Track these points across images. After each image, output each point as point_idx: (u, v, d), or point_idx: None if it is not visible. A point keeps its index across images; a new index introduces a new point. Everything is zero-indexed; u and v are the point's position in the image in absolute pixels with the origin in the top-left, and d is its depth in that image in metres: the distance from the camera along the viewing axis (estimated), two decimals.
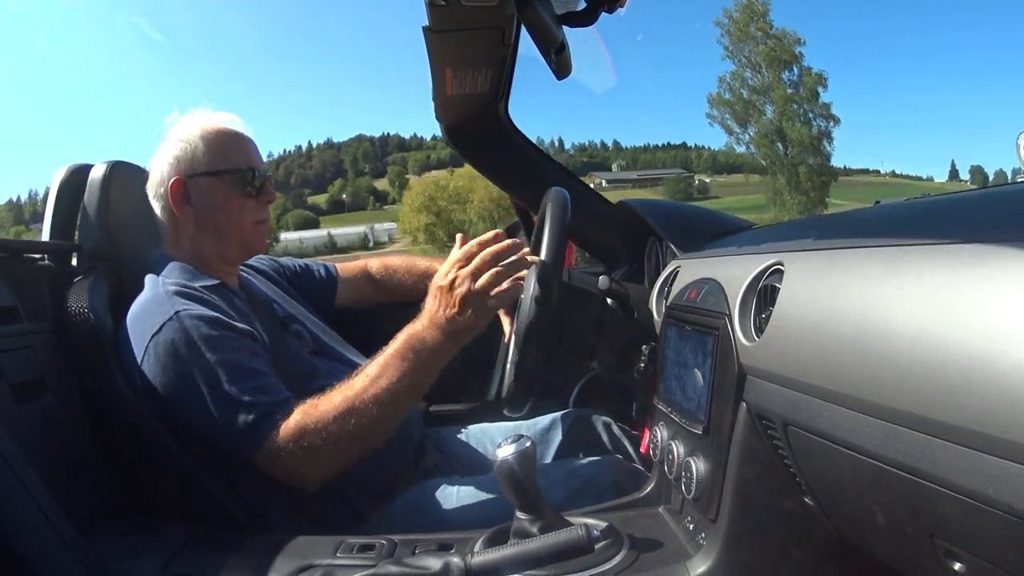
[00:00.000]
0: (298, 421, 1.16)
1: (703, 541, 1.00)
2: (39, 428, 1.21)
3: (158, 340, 1.19)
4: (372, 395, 1.17)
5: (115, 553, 1.08)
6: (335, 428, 1.15)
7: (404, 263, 1.89)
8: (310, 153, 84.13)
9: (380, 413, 1.17)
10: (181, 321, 1.20)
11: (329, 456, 1.17)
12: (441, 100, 1.85)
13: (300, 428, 1.16)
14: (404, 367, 1.18)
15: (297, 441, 1.15)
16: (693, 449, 1.04)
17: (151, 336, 1.20)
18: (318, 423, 1.16)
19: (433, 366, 1.21)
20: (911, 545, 0.65)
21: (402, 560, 0.89)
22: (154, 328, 1.20)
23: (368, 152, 31.19)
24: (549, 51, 1.16)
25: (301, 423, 1.16)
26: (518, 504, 1.00)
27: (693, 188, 79.34)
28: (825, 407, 0.69)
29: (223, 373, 1.18)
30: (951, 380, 0.52)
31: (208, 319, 1.22)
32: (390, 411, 1.19)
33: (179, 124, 1.43)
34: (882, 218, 0.97)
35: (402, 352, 1.20)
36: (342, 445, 1.16)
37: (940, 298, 0.56)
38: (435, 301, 1.20)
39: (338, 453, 1.18)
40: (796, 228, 1.17)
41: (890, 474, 0.60)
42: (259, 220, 1.46)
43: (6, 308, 1.26)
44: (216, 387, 1.17)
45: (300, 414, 1.17)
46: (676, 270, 1.36)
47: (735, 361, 0.91)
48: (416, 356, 1.19)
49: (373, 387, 1.18)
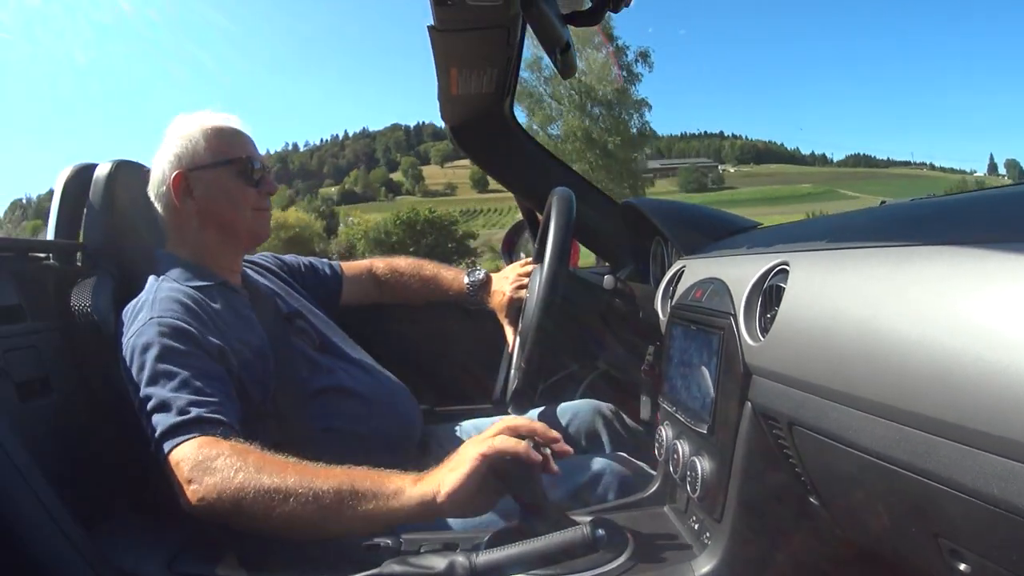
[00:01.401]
0: (215, 449, 1.08)
1: (708, 541, 1.00)
2: (44, 426, 1.22)
3: (131, 342, 1.21)
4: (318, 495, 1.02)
5: (120, 551, 1.09)
6: (256, 482, 1.02)
7: (410, 266, 1.88)
8: (344, 142, 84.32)
9: (309, 513, 1.01)
10: (153, 327, 1.21)
11: (217, 496, 1.03)
12: (446, 99, 1.85)
13: (212, 456, 1.07)
14: (366, 494, 1.02)
15: (207, 465, 1.06)
16: (698, 448, 1.04)
17: (129, 337, 1.22)
18: (232, 463, 1.05)
19: (390, 518, 1.03)
20: (916, 545, 0.65)
21: (407, 560, 0.89)
22: (132, 331, 1.22)
23: (400, 141, 31.29)
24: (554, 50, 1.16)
25: (215, 452, 1.07)
26: (523, 503, 1.00)
27: (708, 179, 79.10)
28: (830, 407, 0.69)
29: (168, 380, 1.16)
30: (956, 380, 0.52)
31: (178, 330, 1.22)
32: (320, 522, 1.02)
33: (179, 123, 1.45)
34: (888, 218, 0.97)
35: (375, 486, 1.04)
36: (248, 502, 1.02)
37: (945, 298, 0.56)
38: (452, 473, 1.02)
39: (233, 505, 1.02)
40: (802, 228, 1.17)
41: (895, 474, 0.60)
42: (260, 208, 1.47)
43: (11, 307, 1.27)
44: (157, 390, 1.15)
45: (233, 450, 1.08)
46: (681, 270, 1.36)
47: (740, 361, 0.91)
48: (386, 498, 1.02)
49: (324, 487, 1.02)
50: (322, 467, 1.05)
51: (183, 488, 1.06)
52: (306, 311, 1.57)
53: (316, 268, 1.79)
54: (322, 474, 1.04)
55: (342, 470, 1.05)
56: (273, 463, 1.05)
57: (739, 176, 78.99)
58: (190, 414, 1.12)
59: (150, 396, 1.15)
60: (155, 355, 1.18)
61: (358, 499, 1.01)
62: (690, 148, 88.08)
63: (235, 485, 1.02)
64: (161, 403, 1.14)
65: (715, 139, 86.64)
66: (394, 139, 74.91)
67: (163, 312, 1.23)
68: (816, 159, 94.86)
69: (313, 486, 1.01)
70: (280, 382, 1.31)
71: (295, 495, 1.00)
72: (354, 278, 1.83)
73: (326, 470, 1.05)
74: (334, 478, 1.03)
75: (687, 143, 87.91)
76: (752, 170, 79.11)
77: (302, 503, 1.00)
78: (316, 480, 1.02)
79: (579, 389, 1.94)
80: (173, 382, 1.16)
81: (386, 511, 1.01)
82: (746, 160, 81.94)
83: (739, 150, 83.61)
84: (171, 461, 1.09)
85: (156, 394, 1.15)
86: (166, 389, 1.15)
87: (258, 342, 1.33)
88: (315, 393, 1.22)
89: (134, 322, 1.24)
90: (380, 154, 76.51)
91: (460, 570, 0.86)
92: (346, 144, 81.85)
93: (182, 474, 1.07)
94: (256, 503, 1.01)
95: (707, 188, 79.48)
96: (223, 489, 1.03)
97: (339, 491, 1.01)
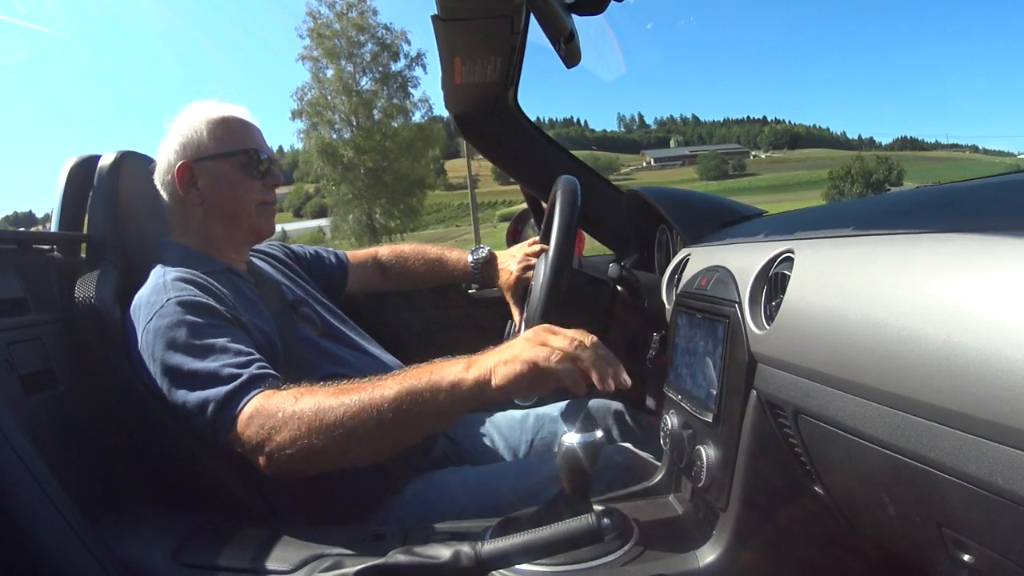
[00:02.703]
0: (275, 400, 1.10)
1: (713, 530, 1.00)
2: (48, 418, 1.22)
3: (150, 327, 1.20)
4: (370, 407, 1.04)
5: (125, 542, 1.09)
6: (326, 417, 1.04)
7: (414, 250, 1.88)
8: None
9: (384, 428, 1.03)
10: (172, 307, 1.20)
11: (291, 446, 1.05)
12: (450, 88, 1.85)
13: (275, 408, 1.08)
14: (416, 397, 1.03)
15: (276, 418, 1.07)
16: (703, 437, 1.04)
17: (146, 323, 1.20)
18: (296, 409, 1.07)
19: (445, 414, 1.05)
20: (920, 535, 0.65)
21: (412, 550, 0.89)
22: (149, 316, 1.21)
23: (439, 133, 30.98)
24: (558, 39, 1.16)
25: (277, 404, 1.09)
26: (568, 491, 1.00)
27: (728, 165, 78.80)
28: (835, 395, 0.69)
29: (207, 352, 1.17)
30: (961, 368, 0.52)
31: (197, 305, 1.22)
32: (394, 434, 1.06)
33: (185, 113, 1.44)
34: (893, 206, 0.96)
35: (425, 384, 1.04)
36: (324, 439, 1.04)
37: (950, 286, 0.56)
38: (507, 355, 1.01)
39: (308, 452, 1.05)
40: (807, 216, 1.17)
41: (899, 462, 0.60)
42: (265, 201, 1.46)
43: (15, 300, 1.27)
44: (197, 364, 1.16)
45: (294, 396, 1.10)
46: (686, 258, 1.35)
47: (745, 349, 0.91)
48: (433, 395, 1.02)
49: (375, 400, 1.04)
50: (374, 380, 1.07)
51: (258, 449, 1.08)
52: (311, 299, 1.57)
53: (322, 256, 1.80)
54: (380, 387, 1.05)
55: (395, 379, 1.05)
56: (333, 394, 1.07)
57: (769, 162, 79.07)
58: (242, 376, 1.14)
59: (193, 372, 1.15)
60: (184, 333, 1.18)
61: (423, 401, 1.02)
62: (730, 134, 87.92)
63: (308, 428, 1.04)
64: (207, 376, 1.14)
65: (756, 124, 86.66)
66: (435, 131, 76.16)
67: (178, 292, 1.23)
68: (863, 143, 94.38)
69: (379, 403, 1.03)
70: (286, 367, 1.30)
71: (366, 417, 1.02)
72: (359, 265, 1.83)
73: (380, 382, 1.06)
74: (393, 388, 1.04)
75: (727, 129, 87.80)
76: (784, 155, 79.06)
77: (375, 422, 1.02)
78: (377, 396, 1.04)
79: None
80: (212, 353, 1.17)
81: (451, 404, 1.02)
82: (781, 145, 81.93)
83: (778, 135, 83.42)
84: (237, 428, 1.10)
85: (198, 369, 1.15)
86: (207, 361, 1.15)
87: (265, 326, 1.34)
88: (321, 379, 1.21)
89: (146, 309, 1.23)
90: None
91: (465, 560, 0.86)
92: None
93: (252, 437, 1.08)
94: (332, 439, 1.03)
95: (728, 175, 79.33)
96: (297, 437, 1.05)
97: (401, 400, 1.02)
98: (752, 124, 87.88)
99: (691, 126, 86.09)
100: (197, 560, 1.06)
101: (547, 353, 0.96)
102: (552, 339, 0.99)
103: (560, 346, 0.97)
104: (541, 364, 0.95)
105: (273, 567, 1.02)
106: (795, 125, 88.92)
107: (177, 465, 1.26)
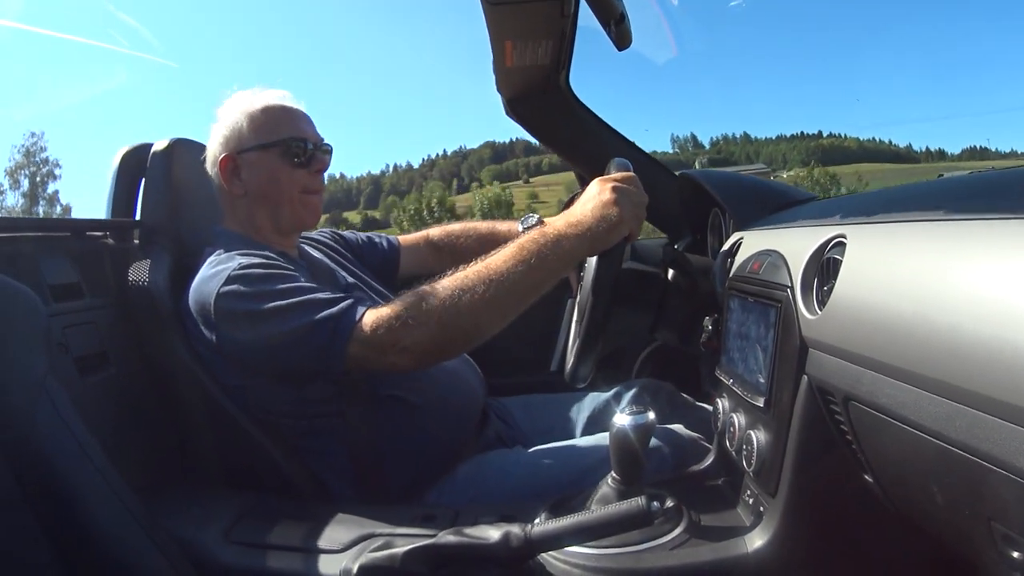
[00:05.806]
0: (390, 305, 1.15)
1: (762, 515, 1.00)
2: (102, 400, 1.27)
3: (223, 292, 1.19)
4: (497, 274, 1.13)
5: (178, 521, 1.12)
6: (441, 298, 1.12)
7: (463, 227, 1.88)
8: (434, 162, 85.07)
9: (495, 294, 1.12)
10: (237, 273, 1.20)
11: (432, 320, 1.11)
12: (502, 72, 1.85)
13: (395, 308, 1.13)
14: (538, 257, 1.15)
15: (399, 313, 1.12)
16: (754, 422, 1.04)
17: (214, 299, 1.20)
18: (417, 296, 1.14)
19: (565, 263, 1.17)
20: (969, 528, 0.63)
21: (462, 531, 0.90)
22: (216, 291, 1.20)
23: (484, 158, 31.33)
24: (609, 22, 1.15)
25: (394, 305, 1.14)
26: (618, 473, 1.02)
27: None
28: (887, 383, 0.68)
29: (294, 292, 1.18)
30: (1016, 359, 0.51)
31: (263, 264, 1.23)
32: (506, 294, 1.13)
33: (228, 103, 1.44)
34: (946, 192, 0.93)
35: (540, 245, 1.16)
36: (454, 321, 1.12)
37: (1004, 274, 0.55)
38: (586, 201, 1.22)
39: (447, 329, 1.12)
40: (859, 201, 1.14)
41: (951, 454, 0.59)
42: (308, 189, 1.44)
43: (70, 285, 1.32)
44: (293, 300, 1.16)
45: (389, 304, 1.16)
46: (739, 241, 1.34)
47: (797, 334, 0.90)
48: (552, 251, 1.15)
49: (501, 268, 1.14)
50: (481, 260, 1.17)
51: (391, 349, 1.13)
52: (363, 284, 1.58)
53: (374, 242, 1.82)
54: (491, 264, 1.15)
55: (503, 256, 1.17)
56: (441, 283, 1.14)
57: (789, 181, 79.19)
58: (348, 299, 1.18)
59: (292, 306, 1.16)
60: (267, 282, 1.20)
61: (534, 266, 1.14)
62: (778, 151, 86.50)
63: (437, 319, 1.11)
64: (310, 304, 1.17)
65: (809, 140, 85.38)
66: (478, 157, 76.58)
67: (245, 259, 1.24)
68: (931, 155, 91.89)
69: (497, 275, 1.13)
70: None
71: (486, 290, 1.12)
72: (411, 248, 1.85)
73: (488, 259, 1.17)
74: (505, 259, 1.15)
75: (775, 146, 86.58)
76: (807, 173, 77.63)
77: (522, 273, 1.14)
78: (493, 268, 1.14)
79: (636, 362, 1.93)
80: (301, 292, 1.19)
81: (560, 256, 1.15)
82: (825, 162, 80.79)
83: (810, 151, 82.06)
84: (366, 331, 1.13)
85: (295, 302, 1.16)
86: (302, 296, 1.18)
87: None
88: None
89: (210, 286, 1.22)
90: (464, 172, 77.05)
91: (515, 541, 0.86)
92: (437, 163, 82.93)
93: (384, 337, 1.13)
94: (460, 320, 1.12)
95: None
96: (426, 330, 1.11)
97: (515, 267, 1.14)
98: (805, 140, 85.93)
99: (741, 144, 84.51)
100: (248, 539, 1.09)
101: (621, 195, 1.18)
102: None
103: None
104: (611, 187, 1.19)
105: (323, 546, 1.04)
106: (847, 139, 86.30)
107: (230, 446, 1.30)
